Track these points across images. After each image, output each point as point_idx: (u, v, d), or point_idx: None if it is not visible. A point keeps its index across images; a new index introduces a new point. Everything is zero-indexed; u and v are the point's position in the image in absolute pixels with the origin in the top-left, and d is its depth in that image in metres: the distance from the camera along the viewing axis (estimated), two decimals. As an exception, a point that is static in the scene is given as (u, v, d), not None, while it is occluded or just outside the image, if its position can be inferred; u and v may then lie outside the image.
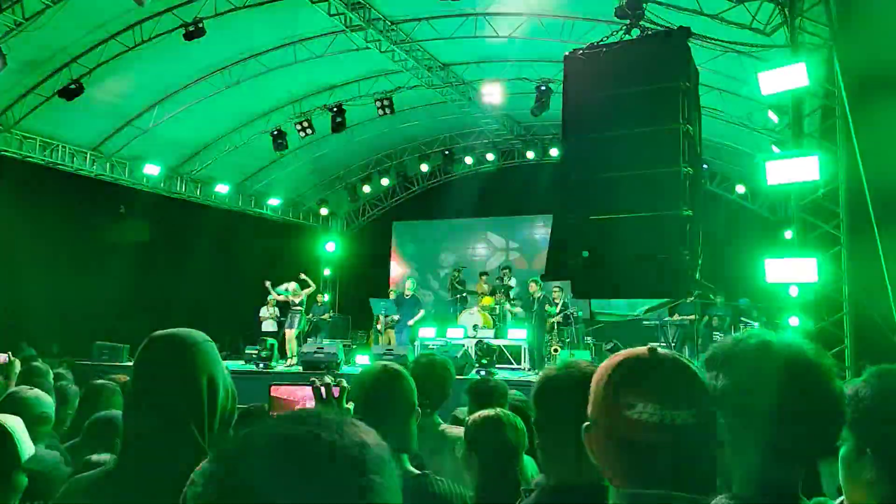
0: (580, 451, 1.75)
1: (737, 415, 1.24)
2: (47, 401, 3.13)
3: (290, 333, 13.97)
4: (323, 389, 1.96)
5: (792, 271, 8.62)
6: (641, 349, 1.28)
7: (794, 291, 9.54)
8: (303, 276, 14.53)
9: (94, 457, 2.54)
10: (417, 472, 2.14)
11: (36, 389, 3.15)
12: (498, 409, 2.67)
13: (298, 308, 14.07)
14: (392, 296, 15.78)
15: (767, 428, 1.21)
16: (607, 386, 1.27)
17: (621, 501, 1.24)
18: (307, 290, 14.39)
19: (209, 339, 1.70)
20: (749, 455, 1.23)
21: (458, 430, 2.95)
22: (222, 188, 16.39)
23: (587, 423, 1.32)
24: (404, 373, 2.29)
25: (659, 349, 1.27)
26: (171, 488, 1.54)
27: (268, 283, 14.66)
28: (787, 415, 1.20)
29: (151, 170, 14.82)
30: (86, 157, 14.01)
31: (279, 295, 14.44)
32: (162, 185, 15.51)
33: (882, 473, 1.37)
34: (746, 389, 1.24)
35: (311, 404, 2.03)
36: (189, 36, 10.91)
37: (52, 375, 4.26)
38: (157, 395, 1.61)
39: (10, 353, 4.34)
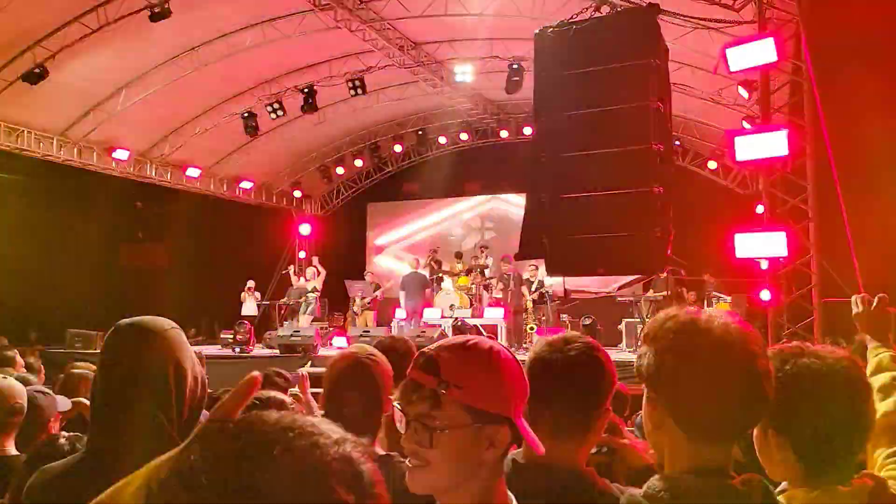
0: (553, 431, 1.74)
1: (666, 393, 1.23)
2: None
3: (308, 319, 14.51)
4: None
5: (762, 246, 8.74)
6: None
7: (764, 265, 9.70)
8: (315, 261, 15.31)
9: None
10: (383, 451, 2.15)
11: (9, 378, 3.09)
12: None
13: (314, 294, 14.40)
14: (368, 278, 15.78)
15: (694, 407, 1.20)
16: None
17: None
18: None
19: (175, 325, 1.69)
20: (678, 434, 1.22)
21: None
22: (193, 172, 16.17)
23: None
24: (373, 359, 2.26)
25: None
26: (140, 476, 1.55)
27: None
28: (712, 394, 1.18)
29: (120, 154, 14.58)
30: (53, 143, 13.75)
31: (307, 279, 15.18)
32: (131, 169, 15.26)
33: (787, 454, 1.39)
34: (673, 368, 1.21)
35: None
36: (155, 17, 10.69)
37: (18, 363, 4.20)
38: (123, 384, 1.60)
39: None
